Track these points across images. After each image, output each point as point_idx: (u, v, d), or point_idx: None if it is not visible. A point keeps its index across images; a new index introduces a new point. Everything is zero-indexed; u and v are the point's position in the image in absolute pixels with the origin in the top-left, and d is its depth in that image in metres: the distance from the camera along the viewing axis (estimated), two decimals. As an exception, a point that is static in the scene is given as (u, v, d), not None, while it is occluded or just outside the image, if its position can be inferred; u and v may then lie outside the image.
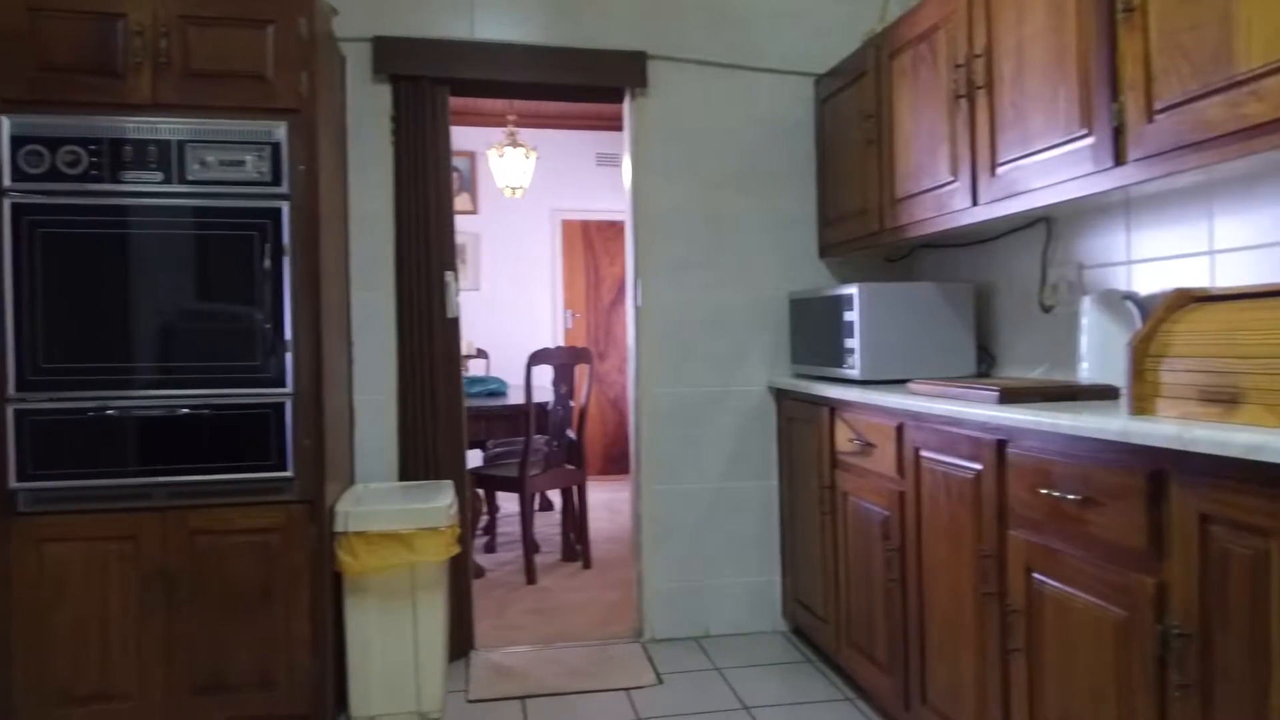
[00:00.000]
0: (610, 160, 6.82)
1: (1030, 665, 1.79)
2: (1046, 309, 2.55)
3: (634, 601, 3.29)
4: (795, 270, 3.32)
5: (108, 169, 2.28)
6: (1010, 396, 1.91)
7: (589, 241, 6.91)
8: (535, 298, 6.75)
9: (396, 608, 2.52)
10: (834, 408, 2.72)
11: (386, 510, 2.50)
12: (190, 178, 2.32)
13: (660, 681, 2.81)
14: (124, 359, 2.28)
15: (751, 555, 3.28)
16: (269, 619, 2.35)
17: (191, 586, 2.32)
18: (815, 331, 2.99)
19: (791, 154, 3.33)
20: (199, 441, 2.31)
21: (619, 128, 6.58)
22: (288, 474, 2.35)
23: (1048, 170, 1.98)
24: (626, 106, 3.28)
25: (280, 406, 2.34)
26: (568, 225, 6.86)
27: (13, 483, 2.23)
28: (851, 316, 2.70)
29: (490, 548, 4.58)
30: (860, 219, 2.93)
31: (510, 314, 6.62)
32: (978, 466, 1.95)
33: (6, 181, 2.24)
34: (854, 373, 2.69)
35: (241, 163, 2.34)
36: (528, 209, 6.69)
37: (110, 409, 2.27)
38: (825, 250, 3.28)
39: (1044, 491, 1.72)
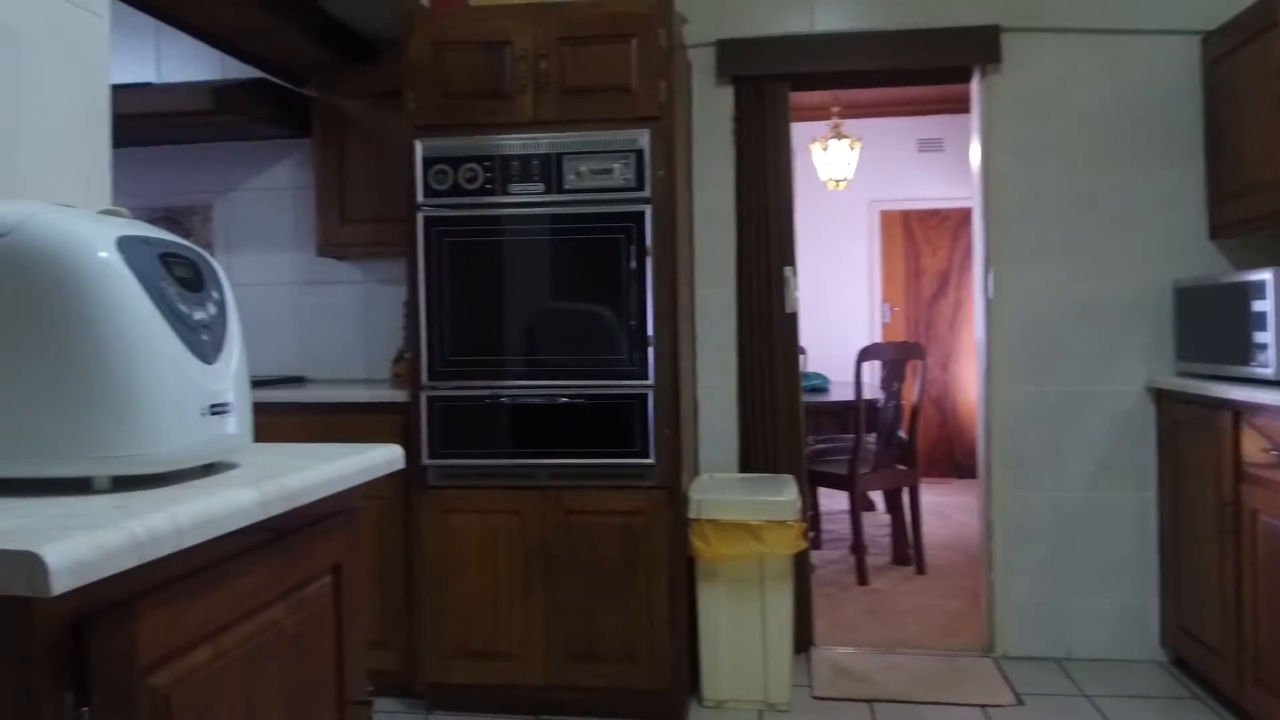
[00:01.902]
0: (933, 146, 6.49)
1: None
2: None
3: (982, 613, 3.09)
4: (1177, 255, 2.93)
5: (499, 183, 2.55)
6: None
7: (909, 232, 6.64)
8: (851, 292, 6.61)
9: (745, 597, 2.57)
10: (1239, 412, 2.36)
11: (736, 500, 2.56)
12: (567, 187, 2.52)
13: (1020, 703, 2.62)
14: (513, 352, 2.53)
15: (1122, 574, 2.95)
16: (632, 597, 2.50)
17: (567, 561, 2.53)
18: (1211, 324, 2.62)
19: (1169, 125, 2.94)
20: (574, 428, 2.51)
21: (945, 110, 6.32)
22: (649, 461, 2.48)
23: None
24: (975, 86, 3.09)
25: (643, 398, 2.48)
26: (886, 216, 6.63)
27: (425, 459, 2.56)
28: (1264, 306, 2.33)
29: (816, 544, 4.55)
30: (1271, 193, 2.51)
31: (826, 308, 6.53)
32: None
33: (420, 198, 2.57)
34: (1267, 371, 2.32)
35: (609, 170, 2.51)
36: (844, 201, 6.56)
37: (502, 397, 2.53)
38: (1219, 231, 2.86)
39: None
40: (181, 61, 3.27)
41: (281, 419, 2.64)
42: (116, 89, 2.84)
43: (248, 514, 0.88)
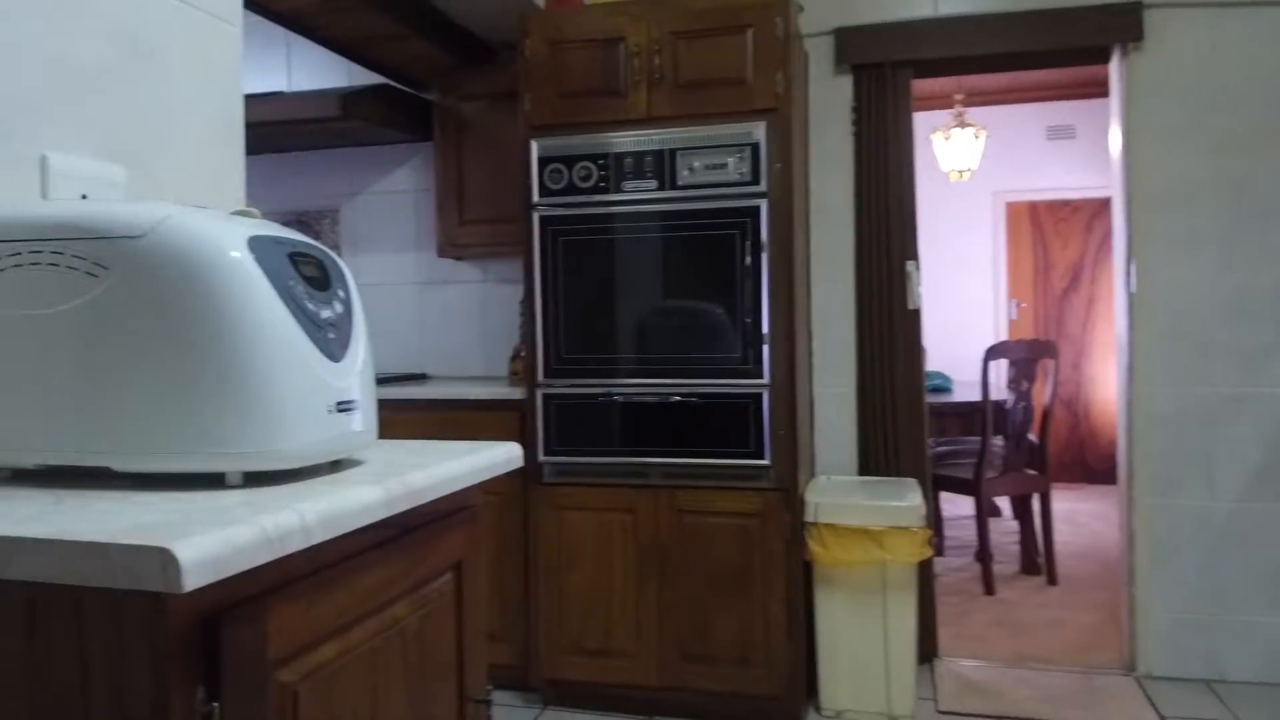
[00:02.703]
0: (1063, 133, 6.15)
1: None
2: None
3: (1122, 628, 2.90)
4: (1349, 244, 2.67)
5: (612, 180, 2.53)
6: None
7: (1037, 224, 6.31)
8: (975, 288, 6.33)
9: (866, 605, 2.48)
10: None
11: (856, 504, 2.47)
12: (680, 183, 2.49)
13: (1167, 726, 2.44)
14: (626, 350, 2.52)
15: (1283, 591, 2.70)
16: (747, 600, 2.45)
17: (680, 561, 2.50)
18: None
19: (1337, 101, 2.68)
20: (687, 427, 2.47)
21: (1077, 95, 5.97)
22: (765, 462, 2.42)
23: None
24: (1114, 67, 2.89)
25: (758, 397, 2.42)
26: (1013, 208, 6.33)
27: (541, 456, 2.58)
28: None
29: (938, 551, 4.37)
30: None
31: (947, 305, 6.27)
32: None
33: (535, 197, 2.59)
34: None
35: (724, 165, 2.46)
36: (967, 193, 6.29)
37: (615, 395, 2.52)
38: (1400, 216, 2.58)
39: None
40: (311, 71, 3.41)
41: (404, 415, 2.71)
42: (250, 98, 2.97)
43: (372, 511, 0.88)
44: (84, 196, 1.16)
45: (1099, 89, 3.02)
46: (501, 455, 1.18)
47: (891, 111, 2.97)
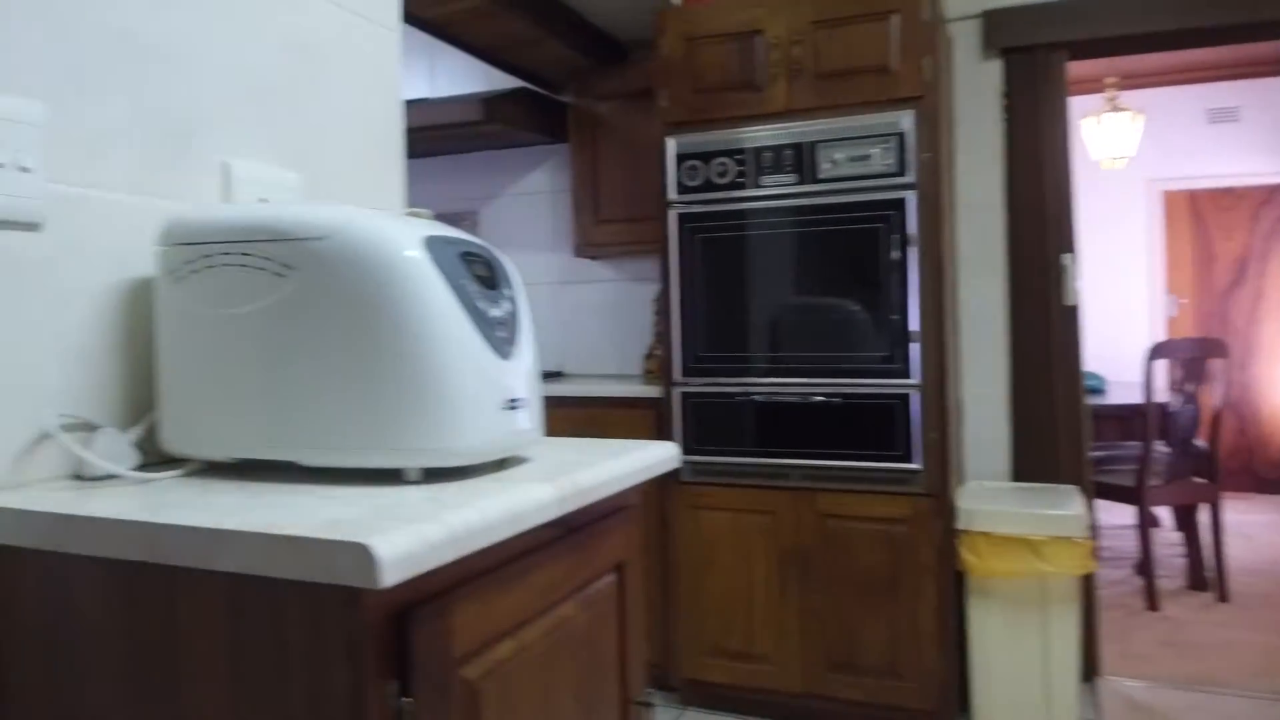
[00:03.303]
0: (1226, 116, 5.68)
1: None
2: None
3: (1312, 653, 2.64)
4: None
5: (750, 176, 2.49)
6: None
7: (1197, 214, 5.86)
8: (1129, 282, 5.93)
9: (1023, 618, 2.34)
10: None
11: (1013, 512, 2.34)
12: (821, 176, 2.42)
13: (1374, 764, 2.20)
14: (764, 349, 2.47)
15: None
16: (895, 609, 2.36)
17: (822, 566, 2.42)
18: None
19: None
20: (830, 429, 2.40)
21: (1242, 75, 5.51)
22: (914, 466, 2.32)
23: None
24: (1303, 37, 2.64)
25: (906, 398, 2.33)
26: (1170, 197, 5.90)
27: (679, 456, 2.56)
28: None
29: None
30: None
31: (1100, 301, 5.90)
32: None
33: (672, 195, 2.57)
34: None
35: (867, 157, 2.37)
36: (1120, 182, 5.91)
37: (754, 394, 2.48)
38: None
39: None
40: (451, 77, 3.50)
41: (546, 412, 2.74)
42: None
43: (546, 510, 0.87)
44: (262, 200, 1.20)
45: (1269, 67, 2.76)
46: (660, 455, 1.16)
47: (1045, 95, 2.81)
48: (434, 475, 0.92)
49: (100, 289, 1.00)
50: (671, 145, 2.57)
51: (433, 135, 3.17)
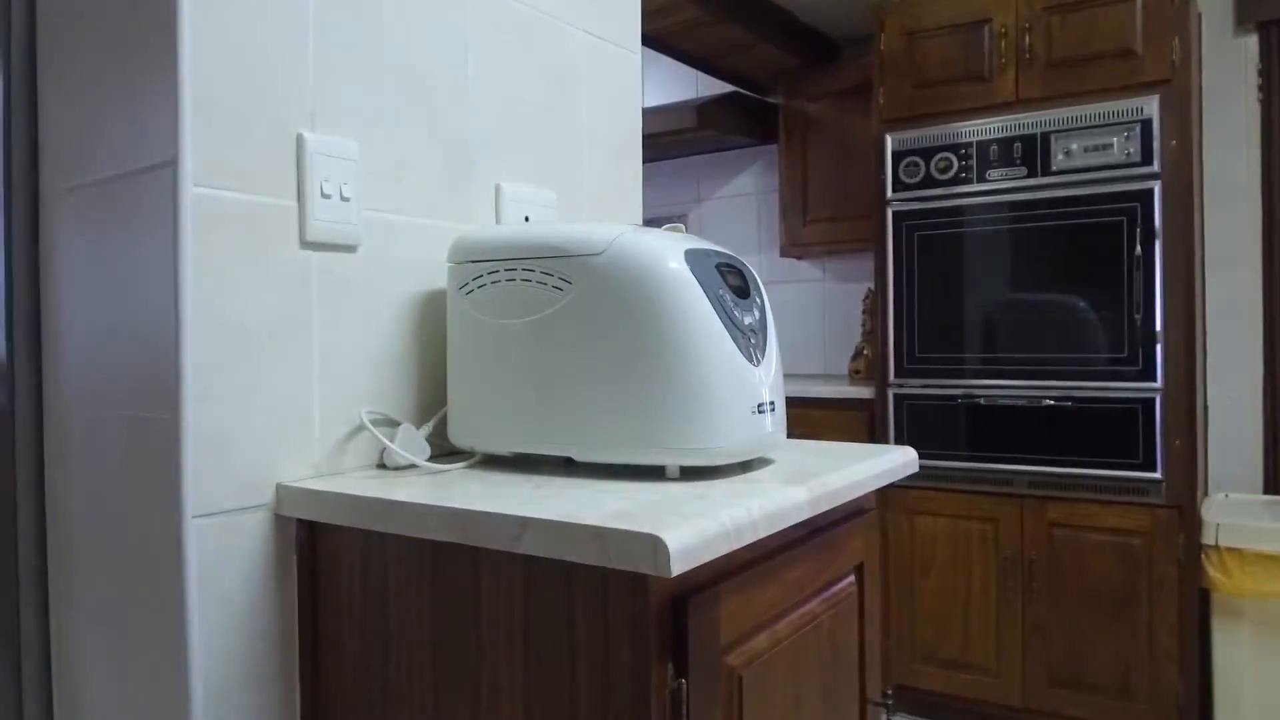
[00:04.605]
0: None
1: None
2: None
3: None
4: None
5: (974, 170, 2.41)
6: None
7: None
8: None
9: (1278, 644, 2.15)
10: None
11: (1271, 528, 2.14)
12: (1055, 168, 2.31)
13: None
14: (986, 349, 2.39)
15: None
16: (1129, 626, 2.22)
17: (1048, 577, 2.32)
18: None
19: None
20: (1060, 434, 2.29)
21: None
22: (1155, 475, 2.18)
23: None
24: None
25: (1149, 402, 2.18)
26: None
27: (892, 458, 2.53)
28: None
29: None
30: None
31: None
32: None
33: (889, 193, 2.54)
34: None
35: (1108, 146, 2.24)
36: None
37: (977, 397, 2.40)
38: None
39: None
40: (660, 85, 3.62)
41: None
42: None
43: (800, 510, 0.91)
44: (526, 219, 1.32)
45: None
46: (900, 459, 1.18)
47: (1315, 70, 2.53)
48: (690, 473, 0.98)
49: (401, 302, 1.14)
50: (889, 142, 2.54)
51: (648, 143, 3.29)
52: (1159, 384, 2.17)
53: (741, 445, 0.99)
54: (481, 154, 1.26)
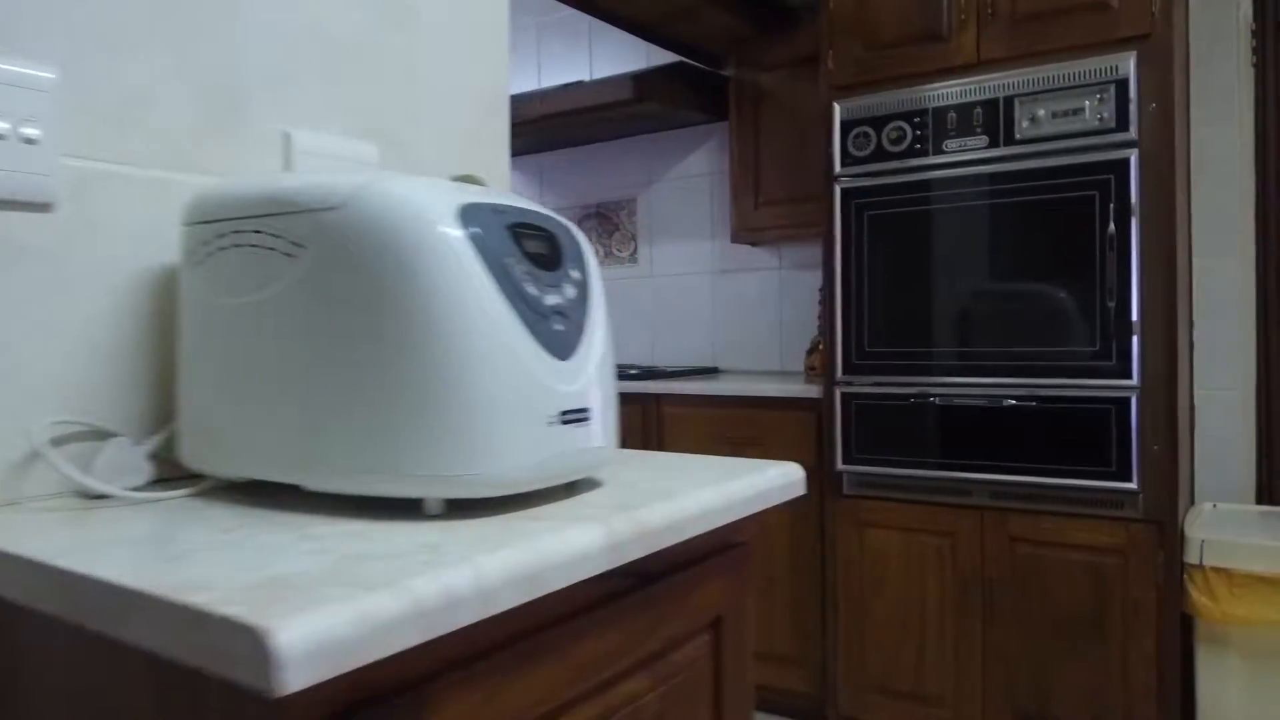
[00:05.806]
0: None
1: None
2: None
3: None
4: None
5: (930, 140, 2.15)
6: None
7: None
8: None
9: (1271, 676, 1.89)
10: None
11: (1261, 545, 1.89)
12: (1019, 137, 2.04)
13: None
14: (943, 343, 2.13)
15: None
16: (1101, 654, 1.97)
17: (1011, 599, 2.06)
18: None
19: None
20: (1022, 438, 2.03)
21: None
22: (1130, 485, 1.92)
23: None
24: None
25: (1124, 402, 1.92)
26: None
27: (839, 464, 2.27)
28: None
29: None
30: None
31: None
32: None
33: (837, 167, 2.28)
34: None
35: (1078, 111, 1.98)
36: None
37: (931, 396, 2.14)
38: None
39: None
40: (610, 60, 3.35)
41: (690, 412, 2.54)
42: (548, 90, 2.94)
43: (589, 561, 0.65)
44: (323, 175, 1.06)
45: None
46: (778, 479, 0.92)
47: (1314, 30, 2.27)
48: (466, 508, 0.73)
49: (127, 278, 0.88)
50: (838, 111, 2.27)
51: (587, 119, 3.03)
52: (1135, 381, 1.91)
53: (530, 470, 0.73)
54: (261, 93, 1.00)
